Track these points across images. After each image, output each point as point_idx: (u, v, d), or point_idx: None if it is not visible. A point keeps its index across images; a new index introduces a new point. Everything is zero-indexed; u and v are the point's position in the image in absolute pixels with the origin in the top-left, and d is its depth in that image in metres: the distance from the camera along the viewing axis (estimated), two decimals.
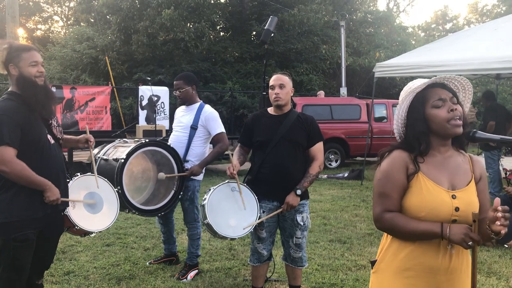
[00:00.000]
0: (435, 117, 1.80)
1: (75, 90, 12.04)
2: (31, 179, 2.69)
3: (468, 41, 8.91)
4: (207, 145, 4.31)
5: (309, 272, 4.32)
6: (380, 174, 1.85)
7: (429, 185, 1.78)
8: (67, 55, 19.01)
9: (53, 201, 2.79)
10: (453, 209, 1.77)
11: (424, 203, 1.77)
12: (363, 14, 23.77)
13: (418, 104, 1.84)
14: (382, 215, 1.83)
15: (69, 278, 4.14)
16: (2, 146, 2.60)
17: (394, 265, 1.86)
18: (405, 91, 1.91)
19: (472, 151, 11.35)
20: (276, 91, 3.36)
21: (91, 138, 3.29)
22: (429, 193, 1.77)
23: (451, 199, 1.78)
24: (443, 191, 1.79)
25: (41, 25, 33.68)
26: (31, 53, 2.80)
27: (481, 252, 4.90)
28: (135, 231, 5.72)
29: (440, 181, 1.80)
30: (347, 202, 7.74)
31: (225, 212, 3.38)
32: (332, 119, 12.10)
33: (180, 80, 4.26)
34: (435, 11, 42.99)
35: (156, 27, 17.09)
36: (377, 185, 1.86)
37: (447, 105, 1.80)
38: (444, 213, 1.76)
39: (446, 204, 1.77)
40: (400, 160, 1.82)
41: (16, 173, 2.64)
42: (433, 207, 1.76)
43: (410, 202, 1.80)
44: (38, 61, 2.82)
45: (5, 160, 2.60)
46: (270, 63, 17.99)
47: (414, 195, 1.79)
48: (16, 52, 2.79)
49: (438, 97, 1.82)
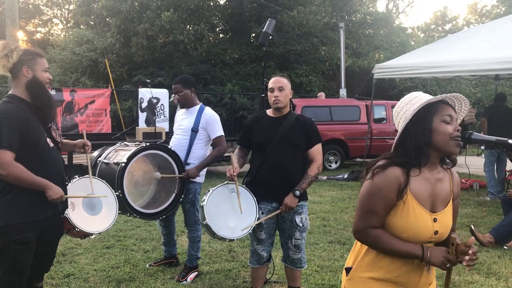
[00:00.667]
0: (443, 131, 1.78)
1: (74, 92, 12.06)
2: (30, 181, 2.69)
3: (467, 42, 8.93)
4: (208, 148, 4.31)
5: (309, 273, 4.33)
6: (372, 189, 1.81)
7: (416, 209, 1.79)
8: (67, 58, 19.04)
9: (57, 199, 2.78)
10: (432, 233, 1.82)
11: (408, 226, 1.79)
12: (363, 15, 23.80)
13: (428, 114, 1.81)
14: (366, 230, 1.83)
15: (69, 280, 4.15)
16: (0, 150, 2.61)
17: (370, 274, 1.87)
18: (412, 101, 1.86)
19: (471, 152, 11.37)
20: (275, 93, 3.37)
21: (88, 143, 3.32)
22: (415, 217, 1.79)
23: (433, 222, 1.82)
24: (427, 215, 1.81)
25: (40, 28, 33.74)
26: (43, 59, 2.89)
27: (481, 253, 4.90)
28: (134, 234, 5.72)
29: (425, 203, 1.82)
30: (346, 204, 7.74)
31: (224, 214, 3.39)
32: (332, 121, 12.09)
33: (178, 83, 4.25)
34: (434, 12, 43.13)
35: (156, 30, 17.10)
36: (366, 200, 1.82)
37: (453, 124, 1.81)
38: (424, 236, 1.81)
39: (428, 228, 1.81)
40: (394, 178, 1.78)
41: (14, 175, 2.65)
42: (416, 230, 1.79)
43: (395, 222, 1.80)
44: (48, 68, 2.91)
45: (3, 164, 2.61)
46: (270, 65, 18.01)
47: (400, 216, 1.80)
48: (31, 55, 2.82)
49: (448, 112, 1.81)
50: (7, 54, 2.73)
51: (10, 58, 2.74)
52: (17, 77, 2.80)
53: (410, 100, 1.87)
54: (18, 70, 2.77)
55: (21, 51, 2.78)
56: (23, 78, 2.79)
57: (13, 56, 2.74)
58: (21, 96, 2.79)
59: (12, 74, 2.81)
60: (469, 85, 21.03)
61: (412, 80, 19.75)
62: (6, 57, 2.74)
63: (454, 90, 20.80)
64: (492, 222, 6.26)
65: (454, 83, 19.49)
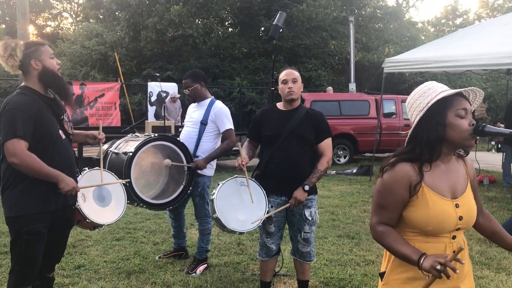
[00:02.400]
0: (458, 126, 1.76)
1: (84, 86, 12.14)
2: (42, 171, 2.70)
3: (478, 36, 8.84)
4: (218, 141, 4.31)
5: (318, 267, 4.34)
6: (381, 186, 1.84)
7: (435, 199, 1.78)
8: (77, 52, 19.15)
9: (69, 191, 2.79)
10: (457, 219, 1.79)
11: (431, 218, 1.77)
12: (372, 9, 23.66)
13: (442, 109, 1.77)
14: (376, 226, 1.86)
15: (79, 271, 4.19)
16: (14, 139, 2.63)
17: (405, 275, 1.83)
18: (425, 93, 1.83)
19: (482, 147, 11.27)
20: (289, 85, 3.37)
21: (100, 136, 3.30)
22: (435, 206, 1.77)
23: (455, 208, 1.80)
24: (448, 202, 1.80)
25: (50, 21, 33.93)
26: (46, 46, 2.87)
27: (491, 248, 4.88)
28: (144, 226, 5.76)
29: (443, 192, 1.80)
30: (355, 198, 7.73)
31: (233, 207, 3.39)
32: (341, 115, 12.04)
33: (188, 78, 4.27)
34: (445, 6, 42.76)
35: (165, 23, 17.13)
36: (377, 196, 1.87)
37: (468, 117, 1.78)
38: (449, 224, 1.79)
39: (451, 215, 1.78)
40: (403, 174, 1.78)
41: (27, 165, 2.66)
42: (440, 220, 1.77)
43: (416, 216, 1.79)
44: (53, 53, 2.91)
45: (16, 152, 2.63)
46: (279, 59, 17.98)
47: (419, 209, 1.78)
48: (33, 47, 2.82)
49: (463, 106, 1.78)
50: (11, 53, 2.73)
51: (15, 57, 2.74)
52: (28, 71, 2.81)
53: (424, 92, 1.84)
54: (27, 65, 2.78)
55: (22, 46, 2.78)
56: (33, 71, 2.80)
57: (18, 54, 2.74)
58: (34, 88, 2.80)
59: (22, 70, 2.82)
60: (480, 79, 20.84)
61: (422, 75, 19.60)
62: (11, 56, 2.74)
63: (464, 85, 20.64)
64: (502, 218, 6.22)
65: (465, 77, 19.30)
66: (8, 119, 2.66)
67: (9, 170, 2.74)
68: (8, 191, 2.76)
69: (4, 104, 2.72)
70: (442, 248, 1.80)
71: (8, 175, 2.76)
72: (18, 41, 2.83)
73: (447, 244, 1.81)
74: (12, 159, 2.64)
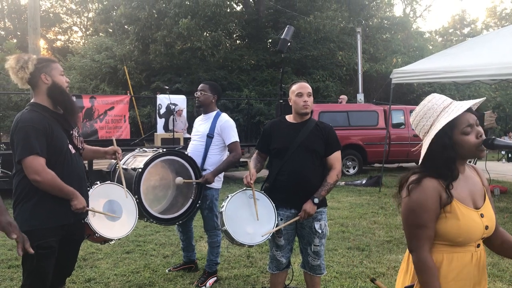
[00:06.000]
0: (465, 143, 1.79)
1: (94, 99, 12.24)
2: (60, 188, 2.75)
3: (486, 46, 8.81)
4: (225, 153, 4.33)
5: (328, 279, 4.31)
6: (414, 204, 1.80)
7: (463, 210, 1.80)
8: (86, 65, 19.35)
9: (80, 209, 2.85)
10: (484, 228, 1.82)
11: (461, 230, 1.79)
12: (380, 20, 23.73)
13: (448, 130, 1.79)
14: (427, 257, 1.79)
15: (90, 285, 4.20)
16: (32, 156, 2.67)
17: None
18: (426, 114, 1.86)
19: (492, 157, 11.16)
20: (305, 98, 3.38)
21: (119, 150, 3.39)
22: (464, 218, 1.79)
23: (481, 218, 1.82)
24: (474, 213, 1.82)
25: (61, 35, 34.36)
26: (57, 64, 2.94)
27: (503, 260, 4.83)
28: (154, 239, 5.77)
29: (468, 202, 1.83)
30: (365, 209, 7.69)
31: (242, 220, 3.39)
32: (350, 126, 12.04)
33: (206, 85, 4.37)
34: (452, 16, 42.74)
35: (173, 37, 17.30)
36: (411, 216, 1.81)
37: (474, 130, 1.80)
38: (477, 234, 1.82)
39: (479, 225, 1.81)
40: (433, 189, 1.79)
41: (47, 182, 2.70)
42: (470, 231, 1.79)
43: (447, 229, 1.80)
44: (63, 71, 2.97)
45: (38, 170, 2.67)
46: (287, 70, 18.07)
47: (450, 222, 1.79)
48: (45, 62, 2.88)
49: (467, 123, 1.80)
50: (22, 66, 2.78)
51: (26, 69, 2.78)
52: (37, 86, 2.84)
53: (425, 113, 1.87)
54: (37, 78, 2.82)
55: (35, 60, 2.83)
56: (43, 85, 2.83)
57: (29, 66, 2.78)
58: (43, 104, 2.84)
59: (31, 84, 2.85)
60: (489, 89, 20.76)
61: (430, 85, 19.57)
62: (22, 69, 2.78)
63: (473, 95, 20.55)
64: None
65: (473, 87, 19.25)
66: (22, 136, 2.69)
67: (21, 185, 2.77)
68: (20, 206, 2.79)
69: (15, 122, 2.76)
70: (468, 257, 1.83)
71: (20, 190, 2.79)
72: (31, 55, 2.89)
73: (473, 253, 1.84)
74: (34, 176, 2.67)
